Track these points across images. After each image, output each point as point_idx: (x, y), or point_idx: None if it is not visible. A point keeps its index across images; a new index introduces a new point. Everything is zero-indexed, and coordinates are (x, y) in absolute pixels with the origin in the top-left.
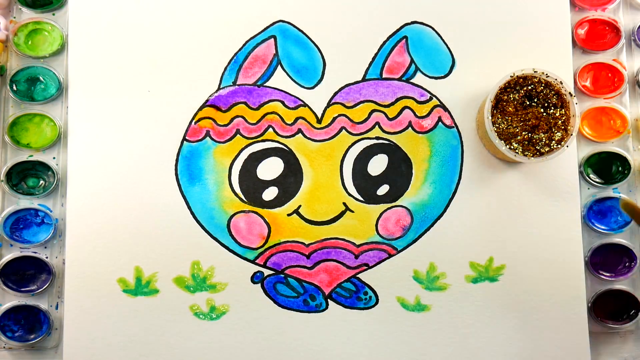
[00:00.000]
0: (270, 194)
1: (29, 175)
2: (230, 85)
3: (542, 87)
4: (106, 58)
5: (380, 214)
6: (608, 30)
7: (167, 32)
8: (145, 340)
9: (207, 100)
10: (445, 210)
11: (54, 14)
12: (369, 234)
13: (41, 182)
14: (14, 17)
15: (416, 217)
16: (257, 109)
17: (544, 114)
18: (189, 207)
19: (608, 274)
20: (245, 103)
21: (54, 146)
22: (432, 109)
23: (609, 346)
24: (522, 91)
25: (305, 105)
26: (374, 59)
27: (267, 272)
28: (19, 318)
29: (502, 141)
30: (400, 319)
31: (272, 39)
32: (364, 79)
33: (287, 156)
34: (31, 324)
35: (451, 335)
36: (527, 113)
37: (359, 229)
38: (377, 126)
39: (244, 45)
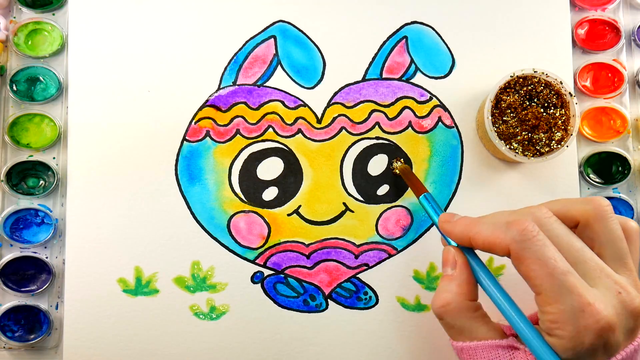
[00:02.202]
0: (270, 194)
1: (29, 175)
2: (230, 85)
3: (542, 87)
4: (106, 58)
5: (380, 214)
6: (608, 30)
7: (167, 32)
8: (145, 340)
9: (207, 100)
10: (445, 210)
11: (54, 14)
12: (369, 234)
13: (41, 182)
14: (14, 17)
15: (416, 217)
16: (257, 109)
17: (544, 114)
18: (189, 207)
19: None
20: (245, 103)
21: (54, 146)
22: (432, 109)
23: None
24: (522, 91)
25: (305, 105)
26: (374, 59)
27: (267, 272)
28: (19, 318)
29: (502, 141)
30: (400, 319)
31: (272, 39)
32: (364, 79)
33: (287, 156)
34: (31, 324)
35: None
36: (527, 113)
37: (359, 229)
38: (377, 126)
39: (244, 45)
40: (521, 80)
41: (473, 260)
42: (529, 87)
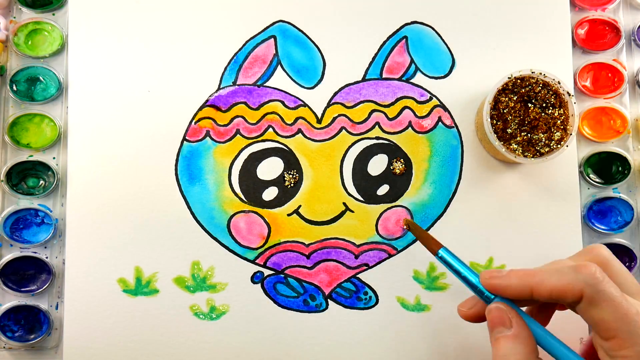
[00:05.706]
0: (270, 194)
1: (29, 175)
2: (230, 85)
3: (540, 88)
4: (106, 58)
5: (380, 214)
6: (608, 30)
7: (167, 32)
8: (145, 340)
9: (207, 100)
10: (445, 210)
11: (54, 14)
12: (369, 234)
13: (41, 182)
14: (14, 17)
15: (416, 217)
16: (257, 109)
17: (543, 114)
18: (189, 207)
19: None
20: (245, 103)
21: (54, 146)
22: (432, 109)
23: None
24: (521, 92)
25: (305, 105)
26: (374, 59)
27: (267, 272)
28: (19, 318)
29: (502, 143)
30: (400, 319)
31: (272, 39)
32: (364, 79)
33: (287, 156)
34: (31, 324)
35: (451, 335)
36: (526, 114)
37: (359, 229)
38: (377, 126)
39: (244, 45)
40: (519, 81)
41: (523, 315)
42: (527, 88)
